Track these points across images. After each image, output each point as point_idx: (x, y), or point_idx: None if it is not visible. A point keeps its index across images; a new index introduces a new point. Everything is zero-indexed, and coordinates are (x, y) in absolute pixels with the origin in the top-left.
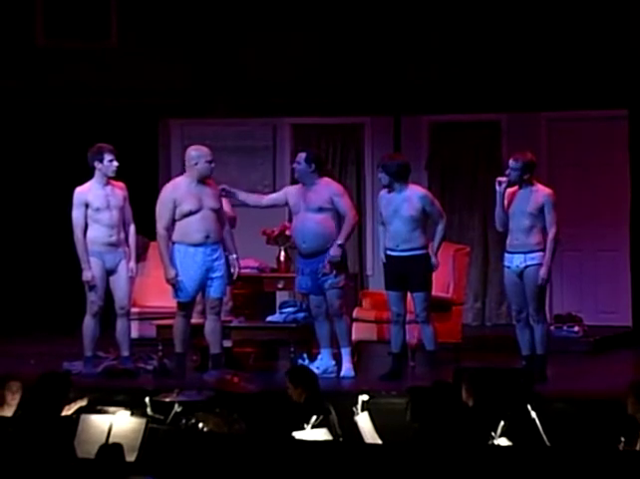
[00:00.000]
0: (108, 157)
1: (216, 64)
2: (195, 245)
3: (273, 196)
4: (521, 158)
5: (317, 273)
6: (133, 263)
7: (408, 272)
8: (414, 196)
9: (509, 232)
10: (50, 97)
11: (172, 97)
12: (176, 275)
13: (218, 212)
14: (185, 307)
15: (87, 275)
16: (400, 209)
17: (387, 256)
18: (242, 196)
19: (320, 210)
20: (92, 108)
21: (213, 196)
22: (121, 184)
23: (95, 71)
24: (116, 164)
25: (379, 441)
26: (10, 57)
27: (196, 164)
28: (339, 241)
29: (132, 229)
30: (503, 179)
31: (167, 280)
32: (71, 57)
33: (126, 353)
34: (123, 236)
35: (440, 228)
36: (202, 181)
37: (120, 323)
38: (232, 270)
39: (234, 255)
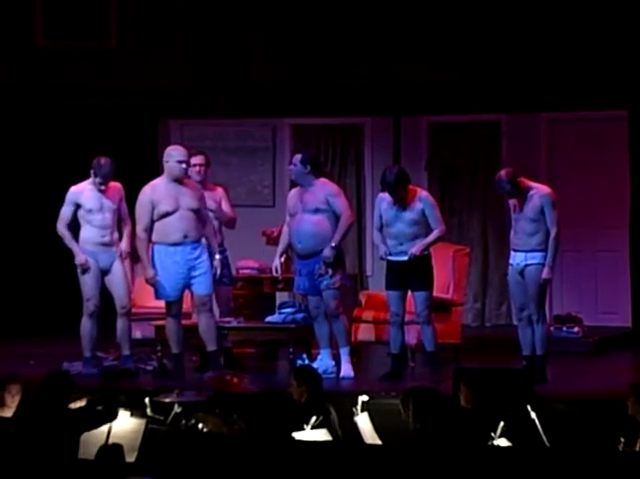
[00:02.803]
0: (96, 179)
1: (216, 64)
2: (174, 245)
3: (288, 219)
4: (505, 181)
5: (314, 274)
6: (124, 245)
7: (409, 272)
8: (416, 198)
9: (515, 232)
10: (50, 97)
11: (172, 97)
12: (155, 276)
13: (198, 211)
14: (173, 308)
15: (80, 259)
16: (402, 213)
17: (389, 256)
18: (282, 246)
19: (316, 211)
20: (92, 108)
21: (191, 195)
22: (117, 185)
23: (95, 71)
24: (102, 187)
25: (379, 442)
26: (10, 57)
27: (167, 162)
28: (333, 243)
29: (128, 226)
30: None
31: (147, 281)
32: (71, 57)
33: (127, 352)
34: (116, 236)
35: (435, 232)
36: (179, 181)
37: (120, 322)
38: (213, 271)
39: (218, 257)
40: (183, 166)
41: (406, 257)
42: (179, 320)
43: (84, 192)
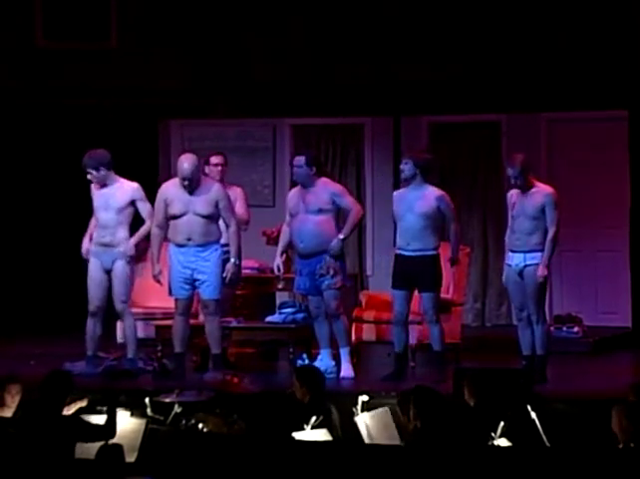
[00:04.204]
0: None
1: (216, 64)
2: (179, 246)
3: (288, 218)
4: (518, 162)
5: (315, 274)
6: (128, 244)
7: (417, 273)
8: (431, 194)
9: (512, 232)
10: (50, 97)
11: (172, 97)
12: (159, 273)
13: (210, 216)
14: (180, 306)
15: (82, 249)
16: (414, 205)
17: (397, 256)
18: (282, 244)
19: (320, 211)
20: (92, 108)
21: (203, 201)
22: (130, 184)
23: (95, 71)
24: (89, 177)
25: (379, 442)
26: (10, 57)
27: None
28: (341, 236)
29: (144, 226)
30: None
31: (152, 276)
32: (71, 57)
33: (131, 355)
34: (120, 237)
35: (452, 228)
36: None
37: (121, 323)
38: (224, 274)
39: (233, 260)
40: (186, 182)
41: (417, 253)
42: (186, 320)
43: (96, 188)
